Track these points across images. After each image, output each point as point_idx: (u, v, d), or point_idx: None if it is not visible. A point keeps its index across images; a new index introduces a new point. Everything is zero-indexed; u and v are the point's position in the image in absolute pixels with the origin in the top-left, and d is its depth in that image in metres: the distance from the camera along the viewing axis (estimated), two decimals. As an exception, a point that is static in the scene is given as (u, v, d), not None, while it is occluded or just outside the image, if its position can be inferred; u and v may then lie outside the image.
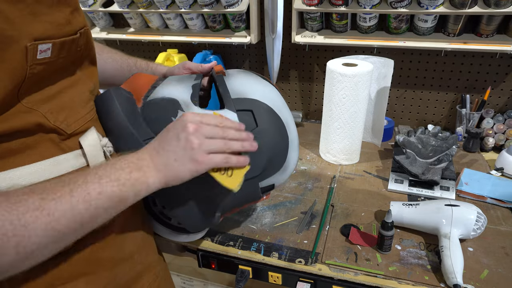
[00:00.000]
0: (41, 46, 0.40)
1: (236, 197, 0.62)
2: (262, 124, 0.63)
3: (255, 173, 0.62)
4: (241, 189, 0.55)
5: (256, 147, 0.55)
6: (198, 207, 0.60)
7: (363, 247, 0.80)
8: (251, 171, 0.58)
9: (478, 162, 1.13)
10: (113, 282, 0.53)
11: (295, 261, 0.78)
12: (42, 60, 0.42)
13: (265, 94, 0.65)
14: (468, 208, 0.79)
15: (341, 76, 1.02)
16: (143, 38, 1.45)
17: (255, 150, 0.55)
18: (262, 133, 0.62)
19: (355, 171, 1.10)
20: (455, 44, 1.15)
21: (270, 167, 0.66)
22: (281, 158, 0.67)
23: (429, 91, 1.33)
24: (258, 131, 0.62)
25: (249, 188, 0.63)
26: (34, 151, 0.45)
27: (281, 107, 0.67)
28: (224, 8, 1.25)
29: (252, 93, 0.64)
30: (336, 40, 1.25)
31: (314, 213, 0.92)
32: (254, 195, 0.66)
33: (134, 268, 0.57)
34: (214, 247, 0.83)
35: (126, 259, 0.55)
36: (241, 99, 0.63)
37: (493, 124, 1.22)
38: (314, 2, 1.17)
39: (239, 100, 0.63)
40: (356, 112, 1.06)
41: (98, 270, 0.51)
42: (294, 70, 1.45)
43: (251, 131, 0.61)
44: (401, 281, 0.72)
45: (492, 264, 0.75)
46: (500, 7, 1.02)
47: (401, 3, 1.09)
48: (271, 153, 0.64)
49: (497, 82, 1.24)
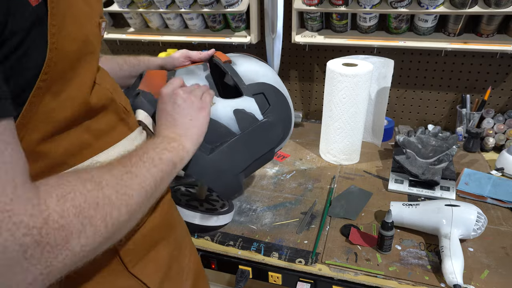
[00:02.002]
0: (102, 24, 0.47)
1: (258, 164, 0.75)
2: (273, 103, 0.73)
3: (274, 144, 0.75)
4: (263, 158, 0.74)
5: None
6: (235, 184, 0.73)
7: (363, 247, 0.80)
8: (271, 144, 0.74)
9: (479, 162, 1.13)
10: (177, 242, 0.61)
11: (295, 261, 0.78)
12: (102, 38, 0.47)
13: (268, 76, 0.75)
14: (468, 208, 0.79)
15: (341, 76, 1.01)
16: (143, 38, 1.45)
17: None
18: (275, 110, 0.73)
19: (355, 171, 1.10)
20: (455, 44, 1.15)
21: (284, 135, 0.78)
22: (289, 125, 0.79)
23: (429, 91, 1.33)
24: (271, 109, 0.73)
25: (269, 156, 0.76)
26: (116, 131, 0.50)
27: (280, 84, 0.77)
28: (224, 8, 1.25)
29: (259, 77, 0.73)
30: (336, 40, 1.25)
31: (314, 213, 0.92)
32: (269, 159, 0.78)
33: (183, 230, 0.65)
34: (214, 247, 0.83)
35: (179, 223, 0.64)
36: (252, 85, 0.72)
37: (494, 124, 1.22)
38: (314, 2, 1.17)
39: (251, 85, 0.72)
40: (356, 112, 1.06)
41: (170, 233, 0.59)
42: (294, 70, 1.45)
43: (266, 110, 0.72)
44: (401, 281, 0.72)
45: (492, 264, 0.75)
46: (500, 7, 1.02)
47: (401, 3, 1.09)
48: (283, 125, 0.76)
49: (498, 82, 1.24)
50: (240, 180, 0.74)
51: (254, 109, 0.70)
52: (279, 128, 0.74)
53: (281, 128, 0.75)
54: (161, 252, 0.56)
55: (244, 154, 0.71)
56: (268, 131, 0.72)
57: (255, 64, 0.77)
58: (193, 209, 0.83)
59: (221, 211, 0.87)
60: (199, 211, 0.84)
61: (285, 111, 0.77)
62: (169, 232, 0.59)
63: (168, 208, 0.60)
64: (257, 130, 0.71)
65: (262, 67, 0.77)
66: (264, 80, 0.74)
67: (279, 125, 0.74)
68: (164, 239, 0.57)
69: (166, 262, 0.57)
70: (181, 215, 0.81)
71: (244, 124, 0.69)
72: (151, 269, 0.54)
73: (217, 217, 0.85)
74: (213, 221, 0.84)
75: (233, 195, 0.77)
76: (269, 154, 0.76)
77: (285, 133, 0.78)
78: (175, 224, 0.62)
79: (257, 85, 0.72)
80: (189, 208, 0.83)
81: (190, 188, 0.98)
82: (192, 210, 0.83)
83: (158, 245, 0.56)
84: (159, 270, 0.55)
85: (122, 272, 0.50)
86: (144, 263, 0.53)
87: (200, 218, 0.83)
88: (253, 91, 0.71)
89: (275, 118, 0.72)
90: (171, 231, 0.60)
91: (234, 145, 0.68)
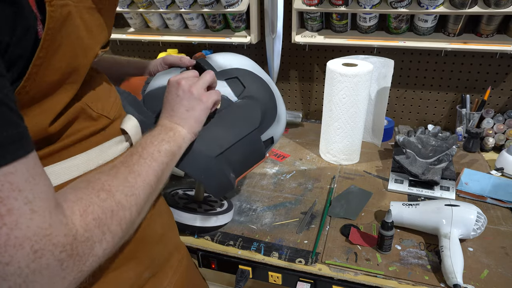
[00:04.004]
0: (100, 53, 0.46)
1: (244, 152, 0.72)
2: (249, 85, 0.73)
3: (255, 125, 0.73)
4: (246, 143, 0.71)
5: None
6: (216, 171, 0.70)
7: (363, 247, 0.80)
8: (251, 124, 0.72)
9: (478, 162, 1.13)
10: (152, 262, 0.57)
11: (295, 261, 0.78)
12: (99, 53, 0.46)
13: (243, 63, 0.76)
14: (468, 208, 0.79)
15: (341, 76, 1.02)
16: (143, 38, 1.45)
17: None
18: (251, 91, 0.73)
19: (355, 171, 1.10)
20: (455, 44, 1.15)
21: (265, 119, 0.76)
22: (272, 110, 0.77)
23: (429, 91, 1.33)
24: (247, 91, 0.73)
25: (252, 141, 0.73)
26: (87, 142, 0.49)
27: (259, 71, 0.77)
28: (224, 8, 1.25)
29: (232, 64, 0.74)
30: (336, 40, 1.25)
31: (314, 213, 0.92)
32: (259, 150, 0.75)
33: (166, 248, 0.61)
34: (214, 247, 0.83)
35: (160, 240, 0.59)
36: (225, 71, 0.73)
37: (493, 124, 1.22)
38: (314, 2, 1.17)
39: (223, 71, 0.73)
40: (356, 112, 1.06)
41: (142, 253, 0.55)
42: (294, 70, 1.45)
43: (241, 92, 0.72)
44: (401, 281, 0.72)
45: (492, 264, 0.75)
46: (500, 7, 1.02)
47: (401, 3, 1.09)
48: (263, 106, 0.75)
49: (497, 82, 1.24)
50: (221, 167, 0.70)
51: (227, 91, 0.71)
52: (256, 107, 0.73)
53: (259, 108, 0.73)
54: (126, 273, 0.51)
55: (220, 136, 0.68)
56: (243, 110, 0.71)
57: (231, 56, 0.77)
58: (192, 212, 0.84)
59: (220, 211, 0.88)
60: (198, 213, 0.84)
61: (264, 93, 0.76)
62: (141, 250, 0.54)
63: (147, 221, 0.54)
64: (231, 110, 0.70)
65: (239, 58, 0.77)
66: (238, 66, 0.75)
67: (257, 105, 0.73)
68: (133, 259, 0.52)
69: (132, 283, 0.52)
70: (180, 218, 0.82)
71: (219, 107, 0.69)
72: None
73: (216, 217, 0.85)
74: (212, 222, 0.85)
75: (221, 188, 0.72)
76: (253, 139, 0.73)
77: (268, 117, 0.76)
78: (150, 241, 0.56)
79: (230, 70, 0.73)
80: (188, 210, 0.84)
81: (188, 191, 0.98)
82: (191, 212, 0.83)
83: (123, 265, 0.51)
84: None
85: None
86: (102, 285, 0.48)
87: (200, 219, 0.83)
88: (226, 76, 0.72)
89: (251, 99, 0.72)
90: (144, 248, 0.54)
91: (208, 127, 0.67)
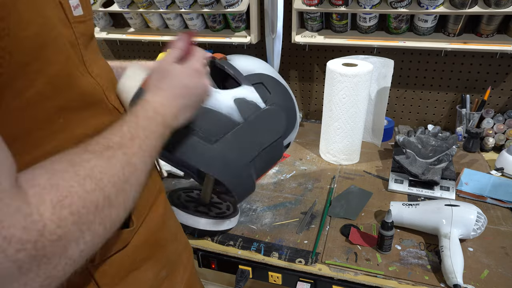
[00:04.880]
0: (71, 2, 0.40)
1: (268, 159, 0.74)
2: (273, 91, 0.72)
3: (280, 133, 0.74)
4: (271, 150, 0.72)
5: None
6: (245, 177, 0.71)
7: (363, 247, 0.80)
8: (277, 132, 0.73)
9: (478, 162, 1.13)
10: (168, 261, 0.57)
11: (295, 261, 0.78)
12: (79, 18, 0.41)
13: (266, 68, 0.75)
14: (468, 208, 0.79)
15: (341, 76, 1.02)
16: (143, 38, 1.45)
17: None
18: (276, 98, 0.72)
19: (355, 171, 1.10)
20: (455, 44, 1.15)
21: (289, 125, 0.76)
22: (293, 117, 0.77)
23: (429, 91, 1.33)
24: (272, 97, 0.72)
25: (277, 148, 0.74)
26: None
27: (279, 77, 0.77)
28: (224, 8, 1.25)
29: (256, 69, 0.73)
30: (336, 40, 1.25)
31: (314, 213, 0.92)
32: (279, 154, 0.77)
33: (178, 247, 0.61)
34: (214, 247, 0.83)
35: (173, 240, 0.59)
36: (250, 75, 0.72)
37: (493, 124, 1.22)
38: (314, 2, 1.17)
39: (249, 76, 0.71)
40: (356, 112, 1.06)
41: (157, 252, 0.54)
42: (294, 70, 1.45)
43: (267, 99, 0.71)
44: (401, 281, 0.72)
45: (492, 264, 0.75)
46: (500, 7, 1.02)
47: (401, 3, 1.09)
48: (287, 113, 0.75)
49: (497, 82, 1.24)
50: (250, 173, 0.71)
51: (255, 97, 0.69)
52: (282, 115, 0.73)
53: (285, 116, 0.74)
54: (145, 273, 0.51)
55: (250, 143, 0.69)
56: (272, 118, 0.71)
57: (251, 59, 0.76)
58: (206, 216, 0.83)
59: (229, 213, 0.87)
60: (212, 217, 0.83)
61: (287, 100, 0.75)
62: (156, 251, 0.54)
63: (156, 227, 0.54)
64: (261, 117, 0.69)
65: (259, 62, 0.77)
66: (263, 72, 0.73)
67: (283, 113, 0.73)
68: (150, 259, 0.52)
69: (151, 283, 0.52)
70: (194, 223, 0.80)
71: (246, 112, 0.68)
72: None
73: (229, 221, 0.85)
74: (225, 225, 0.85)
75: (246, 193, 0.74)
76: (277, 146, 0.74)
77: (290, 123, 0.76)
78: (165, 243, 0.56)
79: (255, 75, 0.72)
80: (200, 214, 0.82)
81: (189, 192, 0.96)
82: (205, 217, 0.82)
83: (142, 266, 0.51)
84: None
85: None
86: (125, 285, 0.48)
87: (213, 224, 0.83)
88: (252, 81, 0.71)
89: (277, 106, 0.72)
90: (159, 250, 0.55)
91: (239, 134, 0.67)
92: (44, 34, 0.35)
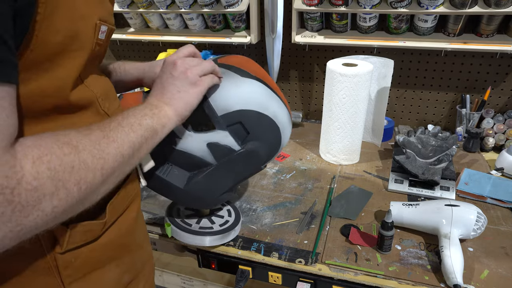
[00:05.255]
0: (102, 27, 0.46)
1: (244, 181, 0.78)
2: (253, 130, 0.69)
3: (258, 167, 0.76)
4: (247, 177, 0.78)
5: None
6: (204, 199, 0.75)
7: (363, 247, 0.80)
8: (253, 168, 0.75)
9: (478, 162, 1.13)
10: (132, 266, 0.58)
11: (295, 261, 0.78)
12: (100, 41, 0.46)
13: (249, 99, 0.68)
14: (468, 208, 0.79)
15: (341, 76, 1.02)
16: (143, 38, 1.45)
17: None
18: (255, 137, 0.70)
19: (355, 171, 1.10)
20: (455, 44, 1.15)
21: (269, 156, 0.76)
22: (276, 148, 0.75)
23: (429, 91, 1.33)
24: (250, 137, 0.69)
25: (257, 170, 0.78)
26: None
27: (266, 102, 0.69)
28: (224, 8, 1.25)
29: (236, 104, 0.67)
30: (336, 40, 1.25)
31: (314, 213, 0.92)
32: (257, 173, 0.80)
33: (143, 256, 0.62)
34: (214, 247, 0.83)
35: (140, 247, 0.61)
36: (229, 114, 0.67)
37: (493, 124, 1.22)
38: (314, 2, 1.17)
39: (225, 116, 0.67)
40: (356, 112, 1.06)
41: (123, 255, 0.55)
42: (294, 70, 1.45)
43: (244, 138, 0.69)
44: (401, 281, 0.72)
45: (492, 264, 0.75)
46: (500, 7, 1.02)
47: (401, 3, 1.09)
48: (267, 149, 0.73)
49: (497, 82, 1.24)
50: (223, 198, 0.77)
51: (229, 141, 0.68)
52: (260, 153, 0.72)
53: (265, 151, 0.73)
54: (109, 273, 0.52)
55: (223, 179, 0.72)
56: (248, 158, 0.71)
57: (235, 87, 0.67)
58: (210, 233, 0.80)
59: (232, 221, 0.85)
60: (216, 233, 0.80)
61: (270, 134, 0.72)
62: (123, 254, 0.55)
63: (128, 230, 0.55)
64: (235, 159, 0.70)
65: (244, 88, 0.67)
66: (242, 107, 0.67)
67: (261, 151, 0.71)
68: (115, 260, 0.53)
69: (112, 286, 0.53)
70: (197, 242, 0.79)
71: (219, 156, 0.69)
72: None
73: (234, 231, 0.83)
74: (231, 236, 0.83)
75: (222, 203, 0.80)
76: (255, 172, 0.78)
77: (271, 155, 0.76)
78: (132, 248, 0.57)
79: (235, 113, 0.67)
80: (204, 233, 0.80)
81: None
82: (209, 235, 0.80)
83: (106, 265, 0.52)
84: None
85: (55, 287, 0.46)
86: (85, 282, 0.48)
87: (219, 239, 0.81)
88: (229, 121, 0.67)
89: (255, 145, 0.70)
90: (126, 253, 0.55)
91: (211, 174, 0.70)
92: (65, 44, 0.40)
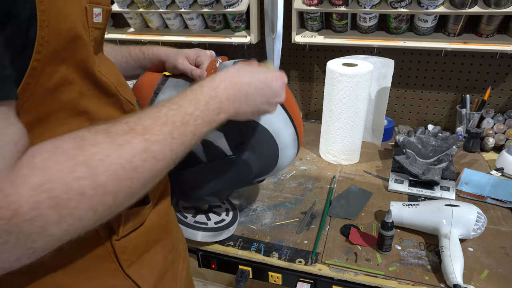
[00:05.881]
0: (95, 10, 0.43)
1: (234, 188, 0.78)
2: (248, 140, 0.69)
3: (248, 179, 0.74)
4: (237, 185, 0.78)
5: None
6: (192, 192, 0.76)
7: (363, 247, 0.80)
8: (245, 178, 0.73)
9: (478, 162, 1.13)
10: (173, 247, 0.60)
11: (295, 261, 0.78)
12: (97, 25, 0.44)
13: None
14: (468, 208, 0.79)
15: (341, 76, 1.02)
16: (143, 38, 1.45)
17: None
18: (249, 148, 0.69)
19: (355, 171, 1.10)
20: (455, 44, 1.15)
21: (261, 172, 0.75)
22: (270, 165, 0.74)
23: (429, 91, 1.33)
24: (245, 147, 0.69)
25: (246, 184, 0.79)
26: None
27: (271, 117, 0.68)
28: (224, 8, 1.25)
29: None
30: (336, 40, 1.25)
31: (314, 213, 0.92)
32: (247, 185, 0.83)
33: (179, 235, 0.65)
34: (214, 247, 0.83)
35: (176, 227, 0.63)
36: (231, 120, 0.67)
37: (493, 124, 1.22)
38: (314, 2, 1.17)
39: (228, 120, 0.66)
40: (356, 112, 1.06)
41: (165, 236, 0.57)
42: (294, 70, 1.45)
43: (237, 145, 0.68)
44: (401, 281, 0.72)
45: (492, 264, 0.75)
46: (500, 7, 1.02)
47: (401, 3, 1.09)
48: (260, 164, 0.72)
49: (497, 82, 1.24)
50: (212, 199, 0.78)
51: (222, 143, 0.68)
52: (251, 166, 0.71)
53: (257, 165, 0.72)
54: (156, 255, 0.55)
55: (211, 181, 0.72)
56: (237, 167, 0.70)
57: None
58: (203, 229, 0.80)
59: (228, 221, 0.85)
60: (209, 230, 0.80)
61: (265, 149, 0.71)
62: (165, 235, 0.57)
63: (165, 211, 0.58)
64: (224, 164, 0.69)
65: None
66: None
67: (253, 163, 0.71)
68: (160, 241, 0.55)
69: (161, 266, 0.55)
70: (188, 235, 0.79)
71: (211, 155, 0.69)
72: (145, 272, 0.51)
73: (227, 230, 0.83)
74: (224, 235, 0.83)
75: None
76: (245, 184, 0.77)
77: (264, 171, 0.75)
78: (171, 228, 0.60)
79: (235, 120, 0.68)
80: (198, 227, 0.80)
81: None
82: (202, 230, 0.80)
83: (153, 247, 0.54)
84: (153, 274, 0.53)
85: (115, 271, 0.48)
86: (140, 264, 0.51)
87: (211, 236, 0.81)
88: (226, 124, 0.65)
89: (247, 156, 0.69)
90: (167, 234, 0.58)
91: (199, 172, 0.70)
92: (75, 28, 0.39)
